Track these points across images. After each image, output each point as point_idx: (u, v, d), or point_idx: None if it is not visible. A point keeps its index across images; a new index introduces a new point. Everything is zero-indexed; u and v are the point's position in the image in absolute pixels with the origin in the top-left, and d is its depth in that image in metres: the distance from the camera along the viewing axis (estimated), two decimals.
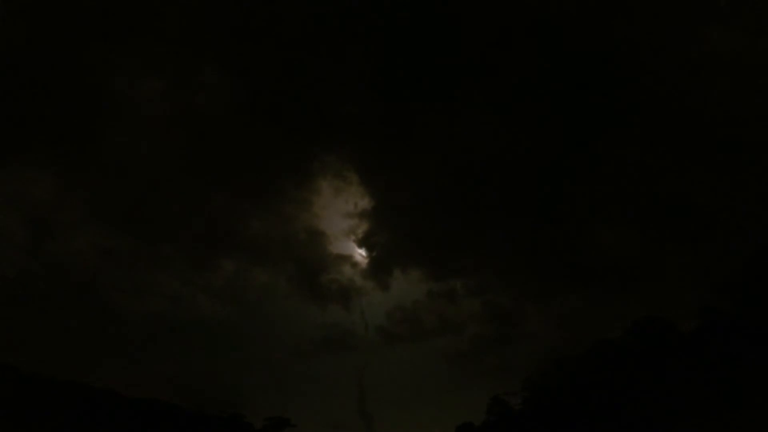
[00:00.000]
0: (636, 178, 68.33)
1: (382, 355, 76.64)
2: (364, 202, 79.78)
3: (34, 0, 68.84)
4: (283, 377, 72.34)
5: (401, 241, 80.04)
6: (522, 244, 73.37)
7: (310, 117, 78.16)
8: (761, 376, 35.97)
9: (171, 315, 72.15)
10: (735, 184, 58.71)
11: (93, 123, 74.26)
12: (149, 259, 74.42)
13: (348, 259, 79.41)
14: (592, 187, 70.81)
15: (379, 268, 78.59)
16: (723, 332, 39.41)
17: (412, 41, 74.54)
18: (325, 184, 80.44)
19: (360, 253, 79.30)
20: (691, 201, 61.39)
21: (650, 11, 68.39)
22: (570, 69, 71.80)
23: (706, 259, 55.31)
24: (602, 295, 65.46)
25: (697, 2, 67.70)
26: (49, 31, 71.18)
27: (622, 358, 46.48)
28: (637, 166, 68.48)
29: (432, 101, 75.92)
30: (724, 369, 38.38)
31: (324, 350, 75.56)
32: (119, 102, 75.41)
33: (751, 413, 35.76)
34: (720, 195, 59.50)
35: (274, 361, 74.25)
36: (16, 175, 69.52)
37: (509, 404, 60.37)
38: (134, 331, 68.76)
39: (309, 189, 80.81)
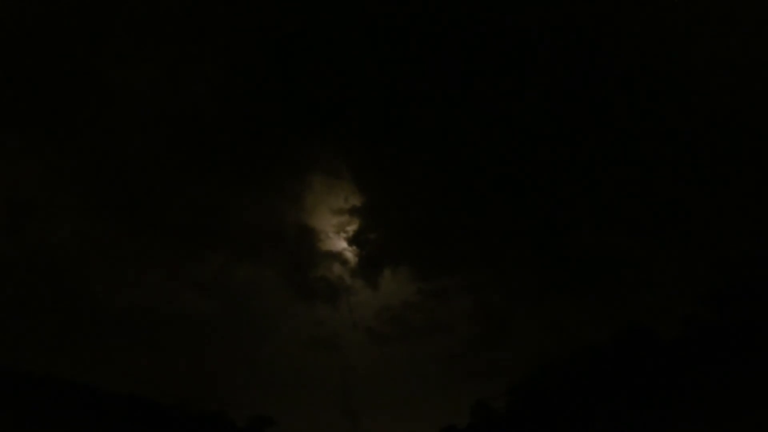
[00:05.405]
0: (629, 182, 67.69)
1: (369, 355, 75.90)
2: (355, 199, 79.01)
3: None
4: (268, 375, 71.57)
5: (392, 238, 79.27)
6: (515, 242, 72.73)
7: (302, 111, 77.39)
8: (743, 387, 35.54)
9: (154, 308, 71.11)
10: (724, 195, 58.14)
11: (83, 108, 73.16)
12: (133, 250, 73.24)
13: (337, 256, 78.49)
14: (587, 189, 70.16)
15: (368, 266, 77.75)
16: (705, 342, 38.98)
17: (406, 36, 73.83)
18: (316, 179, 79.67)
19: (350, 251, 78.56)
20: (679, 208, 60.82)
21: (652, 11, 67.70)
22: (566, 69, 71.18)
23: (690, 268, 54.76)
24: (591, 299, 64.84)
25: (698, 2, 66.94)
26: (42, 20, 70.41)
27: (606, 366, 46.14)
28: (633, 170, 67.87)
29: (426, 98, 75.27)
30: (706, 379, 37.98)
31: (310, 348, 74.74)
32: (111, 89, 74.36)
33: (732, 424, 35.35)
34: (707, 205, 58.96)
35: (259, 358, 73.44)
36: None
37: (493, 408, 60.06)
38: (115, 323, 67.70)
39: (299, 184, 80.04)
